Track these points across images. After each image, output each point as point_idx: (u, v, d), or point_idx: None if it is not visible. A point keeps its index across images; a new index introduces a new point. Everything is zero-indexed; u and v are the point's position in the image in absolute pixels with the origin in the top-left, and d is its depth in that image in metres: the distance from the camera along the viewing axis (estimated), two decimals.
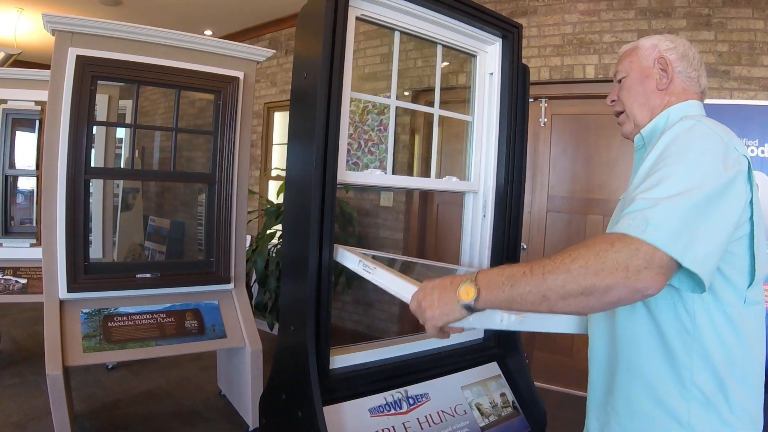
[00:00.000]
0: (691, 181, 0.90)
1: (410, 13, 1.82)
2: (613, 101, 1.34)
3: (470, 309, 0.99)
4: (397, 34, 1.90)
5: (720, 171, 0.93)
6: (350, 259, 1.65)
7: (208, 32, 5.59)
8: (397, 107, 1.98)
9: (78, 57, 2.40)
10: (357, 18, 1.68)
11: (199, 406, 3.19)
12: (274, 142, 5.63)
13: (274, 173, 5.51)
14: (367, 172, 1.86)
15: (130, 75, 2.57)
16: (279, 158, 5.60)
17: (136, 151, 4.50)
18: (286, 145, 5.02)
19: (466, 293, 0.97)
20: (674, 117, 1.18)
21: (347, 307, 4.75)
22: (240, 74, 2.84)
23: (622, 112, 1.32)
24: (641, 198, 0.91)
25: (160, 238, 4.65)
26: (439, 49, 2.06)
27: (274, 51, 3.18)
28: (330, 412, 1.56)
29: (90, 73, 2.42)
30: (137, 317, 2.59)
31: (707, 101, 1.28)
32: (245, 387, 2.93)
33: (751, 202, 0.99)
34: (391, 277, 1.43)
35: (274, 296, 3.92)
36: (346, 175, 1.69)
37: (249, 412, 2.94)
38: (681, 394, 0.99)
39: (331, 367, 1.65)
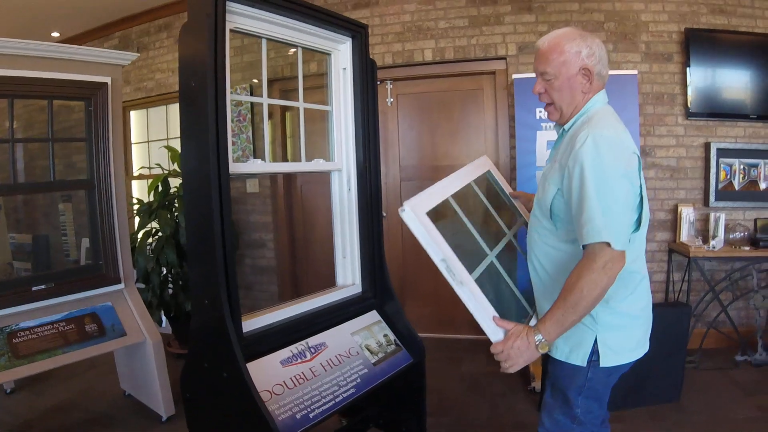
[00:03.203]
0: (612, 193, 1.37)
1: (273, 22, 2.08)
2: (540, 94, 1.62)
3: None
4: (264, 42, 2.17)
5: (625, 179, 1.39)
6: (431, 246, 1.51)
7: (56, 34, 5.29)
8: (255, 100, 2.22)
9: None
10: (231, 30, 1.91)
11: (109, 410, 3.23)
12: (133, 141, 5.51)
13: (136, 173, 5.43)
14: (250, 162, 2.12)
15: (3, 90, 2.55)
16: (139, 158, 5.50)
17: (21, 163, 4.25)
18: (145, 144, 5.03)
19: (544, 347, 1.43)
20: (584, 110, 1.57)
21: None
22: (107, 79, 2.88)
23: (550, 104, 1.61)
24: (588, 214, 1.36)
25: (24, 255, 4.43)
26: (300, 51, 2.35)
27: (138, 54, 3.24)
28: (249, 368, 1.79)
29: None
30: (39, 329, 2.62)
31: None
32: (152, 380, 3.02)
33: (640, 184, 1.47)
34: (478, 306, 1.50)
35: (159, 292, 3.99)
36: (234, 166, 1.94)
37: (160, 403, 3.04)
38: None
39: (243, 330, 1.91)
